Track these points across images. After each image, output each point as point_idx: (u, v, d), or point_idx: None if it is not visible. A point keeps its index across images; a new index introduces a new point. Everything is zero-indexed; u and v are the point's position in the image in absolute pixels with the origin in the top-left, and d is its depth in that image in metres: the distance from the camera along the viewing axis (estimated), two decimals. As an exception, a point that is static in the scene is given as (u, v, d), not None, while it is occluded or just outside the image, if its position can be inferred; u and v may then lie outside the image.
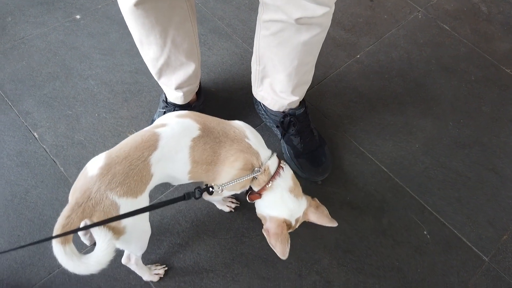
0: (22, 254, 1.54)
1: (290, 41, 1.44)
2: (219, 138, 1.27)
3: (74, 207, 1.07)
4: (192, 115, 1.30)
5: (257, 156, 1.33)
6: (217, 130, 1.28)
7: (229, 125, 1.34)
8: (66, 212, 1.07)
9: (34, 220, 1.61)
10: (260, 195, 1.38)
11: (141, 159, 1.15)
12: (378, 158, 1.93)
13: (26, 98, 1.93)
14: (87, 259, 1.08)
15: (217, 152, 1.27)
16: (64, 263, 1.06)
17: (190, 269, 1.57)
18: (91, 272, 1.09)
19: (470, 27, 2.55)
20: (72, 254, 1.06)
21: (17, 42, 2.13)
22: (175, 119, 1.27)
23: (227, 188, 1.31)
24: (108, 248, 1.09)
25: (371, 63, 2.29)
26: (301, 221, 1.42)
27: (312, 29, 1.40)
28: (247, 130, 1.35)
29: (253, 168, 1.33)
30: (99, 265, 1.09)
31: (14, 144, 1.79)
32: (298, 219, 1.40)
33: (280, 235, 1.32)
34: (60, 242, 1.04)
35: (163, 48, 1.49)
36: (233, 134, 1.30)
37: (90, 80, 2.02)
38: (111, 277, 1.52)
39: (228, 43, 2.26)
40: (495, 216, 1.82)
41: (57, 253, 1.06)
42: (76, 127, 1.86)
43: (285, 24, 1.38)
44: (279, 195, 1.37)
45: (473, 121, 2.12)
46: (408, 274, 1.64)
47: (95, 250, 1.10)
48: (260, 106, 1.90)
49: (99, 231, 1.09)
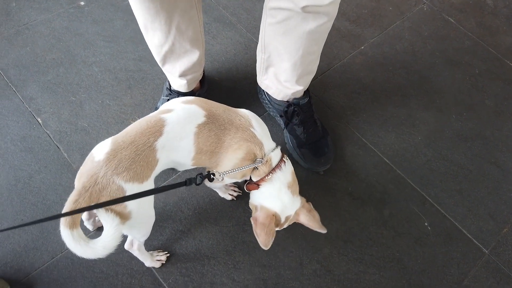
0: (25, 238, 1.55)
1: (296, 29, 1.44)
2: (224, 126, 1.27)
3: (81, 191, 1.08)
4: (198, 101, 1.30)
5: (261, 146, 1.33)
6: (223, 117, 1.29)
7: (235, 112, 1.34)
8: (73, 196, 1.08)
9: (38, 204, 1.62)
10: (258, 185, 1.38)
11: (147, 145, 1.16)
12: (381, 149, 1.94)
13: (30, 84, 1.93)
14: (94, 244, 1.10)
15: (222, 139, 1.27)
16: (72, 247, 1.08)
17: (191, 255, 1.58)
18: (98, 256, 1.10)
19: (475, 20, 2.54)
20: (80, 238, 1.08)
21: (21, 27, 2.12)
22: (181, 105, 1.27)
23: (229, 176, 1.31)
24: (115, 234, 1.11)
25: (375, 55, 2.29)
26: (291, 221, 1.42)
27: (318, 18, 1.39)
28: (253, 120, 1.35)
29: (255, 158, 1.33)
30: (105, 250, 1.10)
31: (18, 129, 1.79)
32: (289, 217, 1.40)
33: (267, 226, 1.32)
34: (68, 226, 1.06)
35: (167, 35, 1.49)
36: (239, 122, 1.30)
37: (94, 66, 2.02)
38: (113, 262, 1.53)
39: (233, 32, 2.25)
40: (496, 209, 1.83)
41: (65, 237, 1.07)
42: (80, 113, 1.87)
43: (291, 12, 1.38)
44: (277, 188, 1.37)
45: (476, 115, 2.12)
46: (408, 265, 1.66)
47: (102, 235, 1.11)
48: (264, 95, 1.90)
49: (106, 217, 1.11)
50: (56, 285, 1.48)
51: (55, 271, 1.51)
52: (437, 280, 1.63)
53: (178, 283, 1.52)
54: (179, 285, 1.52)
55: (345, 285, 1.59)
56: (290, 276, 1.58)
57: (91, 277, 1.50)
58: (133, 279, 1.52)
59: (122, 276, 1.52)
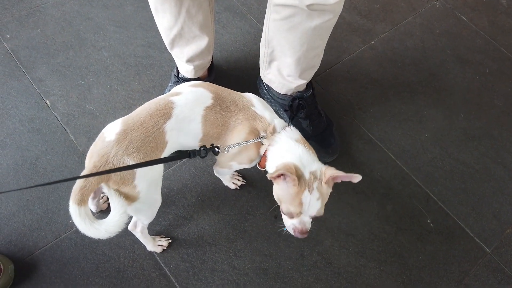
0: (30, 218, 1.57)
1: (301, 26, 1.43)
2: (229, 107, 1.28)
3: (92, 170, 1.09)
4: (205, 85, 1.31)
5: (263, 120, 1.30)
6: (228, 100, 1.29)
7: (238, 94, 1.34)
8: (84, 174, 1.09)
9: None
10: (266, 156, 1.32)
11: (156, 127, 1.17)
12: (386, 145, 1.93)
13: (39, 66, 1.94)
14: (99, 225, 1.12)
15: (227, 121, 1.28)
16: (77, 223, 1.10)
17: (193, 242, 1.59)
18: (99, 237, 1.12)
19: (488, 19, 2.51)
20: (86, 216, 1.10)
21: (33, 9, 2.13)
22: (189, 88, 1.28)
23: (237, 160, 1.30)
24: (120, 220, 1.13)
25: (385, 50, 2.27)
26: (322, 179, 1.21)
27: (324, 15, 1.39)
28: (254, 99, 1.35)
29: (260, 135, 1.31)
30: (107, 233, 1.12)
31: (26, 110, 1.81)
32: (314, 173, 1.21)
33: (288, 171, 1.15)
34: (76, 203, 1.08)
35: (177, 18, 1.49)
36: (242, 103, 1.31)
37: (104, 51, 2.03)
38: (116, 245, 1.55)
39: (243, 22, 2.24)
40: (500, 209, 1.82)
41: (72, 213, 1.09)
42: (88, 97, 1.87)
43: (296, 9, 1.37)
44: (285, 144, 1.27)
45: (485, 114, 2.10)
46: (409, 260, 1.66)
47: (107, 219, 1.13)
48: (264, 90, 1.89)
49: (116, 200, 1.13)
50: (58, 265, 1.50)
51: (58, 251, 1.52)
52: (437, 277, 1.63)
53: (179, 268, 1.54)
54: (180, 270, 1.53)
55: (345, 277, 1.59)
56: (290, 267, 1.59)
57: (93, 259, 1.52)
58: (134, 262, 1.53)
59: (124, 259, 1.53)
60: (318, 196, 1.20)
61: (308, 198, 1.19)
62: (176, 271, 1.53)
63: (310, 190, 1.19)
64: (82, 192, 1.08)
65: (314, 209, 1.21)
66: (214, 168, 1.61)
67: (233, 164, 1.41)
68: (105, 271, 1.50)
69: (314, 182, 1.20)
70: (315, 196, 1.20)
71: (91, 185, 1.09)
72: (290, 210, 1.21)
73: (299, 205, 1.19)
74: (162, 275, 1.52)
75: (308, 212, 1.21)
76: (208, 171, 1.74)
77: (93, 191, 1.10)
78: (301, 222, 1.23)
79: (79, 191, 1.08)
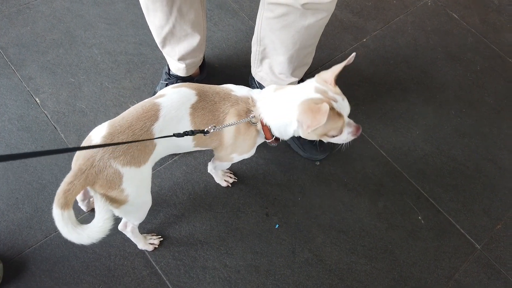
0: (20, 217, 1.56)
1: (294, 25, 1.43)
2: (214, 100, 1.28)
3: (77, 173, 1.08)
4: (186, 84, 1.31)
5: (245, 100, 1.31)
6: (211, 93, 1.29)
7: (218, 86, 1.35)
8: (68, 178, 1.08)
9: (33, 183, 1.63)
10: (266, 126, 1.30)
11: (143, 129, 1.16)
12: (378, 142, 1.93)
13: (29, 63, 1.92)
14: (82, 230, 1.09)
15: (216, 115, 1.28)
16: (59, 227, 1.08)
17: (185, 240, 1.59)
18: (82, 242, 1.10)
19: (479, 17, 2.53)
20: (69, 220, 1.08)
21: (22, 6, 2.11)
22: (172, 90, 1.28)
23: (238, 151, 1.35)
24: (103, 227, 1.11)
25: (377, 48, 2.28)
26: (331, 84, 1.24)
27: (317, 14, 1.39)
28: (230, 86, 1.36)
29: (248, 115, 1.30)
30: (90, 239, 1.10)
31: (15, 108, 1.79)
32: (319, 88, 1.23)
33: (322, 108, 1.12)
34: (60, 207, 1.06)
35: (168, 16, 1.48)
36: (223, 92, 1.31)
37: (94, 49, 2.02)
38: (107, 244, 1.54)
39: (234, 19, 2.24)
40: (490, 206, 1.83)
41: (55, 217, 1.07)
42: (78, 94, 1.86)
43: (290, 8, 1.37)
44: (274, 101, 1.27)
45: (476, 111, 2.11)
46: (400, 257, 1.66)
47: (91, 224, 1.11)
48: (256, 88, 1.88)
49: (101, 207, 1.11)
50: (48, 264, 1.49)
51: (48, 250, 1.51)
52: (428, 273, 1.64)
53: (170, 266, 1.53)
54: (171, 268, 1.53)
55: (337, 274, 1.59)
56: (282, 264, 1.59)
57: (83, 257, 1.51)
58: (125, 260, 1.52)
59: (114, 258, 1.52)
60: (342, 97, 1.25)
61: (341, 106, 1.24)
62: (167, 269, 1.52)
63: (335, 100, 1.23)
64: (66, 195, 1.06)
65: (347, 108, 1.27)
66: (212, 163, 1.60)
67: (234, 156, 1.41)
68: (95, 270, 1.50)
69: (328, 93, 1.23)
70: (341, 100, 1.24)
71: (75, 189, 1.07)
72: (338, 127, 1.25)
73: (341, 118, 1.24)
74: (153, 273, 1.51)
75: (346, 115, 1.28)
76: (200, 169, 1.74)
77: (77, 194, 1.09)
78: (351, 124, 1.30)
79: (63, 195, 1.06)
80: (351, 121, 1.30)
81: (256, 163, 1.78)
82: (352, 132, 1.30)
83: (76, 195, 1.09)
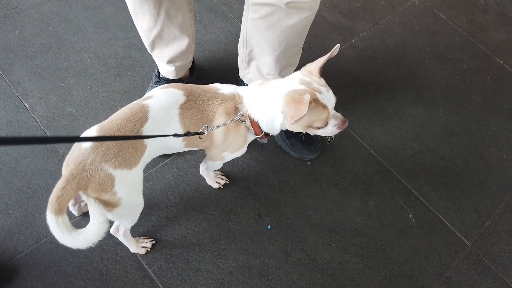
0: (10, 222, 1.55)
1: (279, 24, 1.44)
2: (202, 99, 1.29)
3: (69, 178, 1.08)
4: (174, 85, 1.31)
5: (232, 97, 1.32)
6: (198, 92, 1.30)
7: (204, 86, 1.35)
8: (60, 184, 1.08)
9: (23, 189, 1.62)
10: (255, 121, 1.31)
11: (133, 131, 1.16)
12: (368, 142, 1.95)
13: (17, 68, 1.91)
14: (77, 234, 1.09)
15: (204, 113, 1.28)
16: (54, 233, 1.08)
17: (177, 242, 1.59)
18: (78, 247, 1.10)
19: (466, 16, 2.56)
20: (64, 226, 1.07)
21: (10, 11, 2.10)
22: (160, 91, 1.28)
23: (229, 149, 1.36)
24: (99, 230, 1.11)
25: (365, 48, 2.30)
26: (316, 76, 1.25)
27: (301, 13, 1.40)
28: (217, 85, 1.37)
29: (237, 113, 1.32)
30: (86, 243, 1.10)
31: (4, 113, 1.78)
32: (304, 81, 1.24)
33: (304, 100, 1.14)
34: (54, 213, 1.06)
35: (156, 19, 1.48)
36: (210, 91, 1.32)
37: (83, 52, 2.01)
38: (98, 248, 1.53)
39: (224, 22, 2.25)
40: (479, 203, 1.86)
41: (49, 223, 1.07)
42: (68, 99, 1.85)
43: (274, 8, 1.38)
44: (260, 97, 1.29)
45: (464, 110, 2.14)
46: (391, 255, 1.68)
47: (86, 228, 1.11)
48: None
49: (95, 211, 1.11)
50: (40, 269, 1.48)
51: (39, 255, 1.50)
52: (419, 270, 1.66)
53: (163, 269, 1.53)
54: (163, 271, 1.53)
55: (329, 273, 1.60)
56: (274, 264, 1.59)
57: (75, 262, 1.50)
58: (117, 264, 1.52)
59: (106, 262, 1.52)
60: (326, 88, 1.25)
61: (326, 97, 1.23)
62: (159, 272, 1.52)
63: (319, 92, 1.23)
64: (59, 201, 1.06)
65: (333, 100, 1.27)
66: (204, 164, 1.61)
67: (226, 154, 1.42)
68: (87, 274, 1.49)
69: (313, 84, 1.24)
70: (325, 91, 1.24)
71: (68, 194, 1.07)
72: (323, 119, 1.25)
73: (325, 109, 1.24)
74: (145, 277, 1.51)
75: (331, 107, 1.27)
76: (191, 171, 1.74)
77: (70, 200, 1.09)
78: (336, 117, 1.30)
79: (56, 201, 1.06)
80: (338, 114, 1.31)
81: (248, 164, 1.79)
82: (337, 124, 1.30)
83: (69, 200, 1.09)
